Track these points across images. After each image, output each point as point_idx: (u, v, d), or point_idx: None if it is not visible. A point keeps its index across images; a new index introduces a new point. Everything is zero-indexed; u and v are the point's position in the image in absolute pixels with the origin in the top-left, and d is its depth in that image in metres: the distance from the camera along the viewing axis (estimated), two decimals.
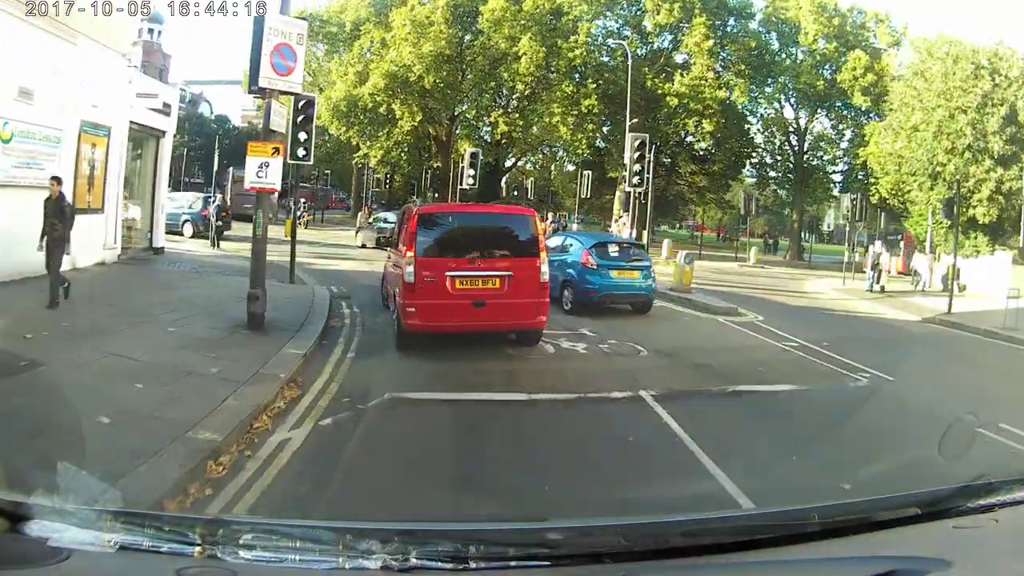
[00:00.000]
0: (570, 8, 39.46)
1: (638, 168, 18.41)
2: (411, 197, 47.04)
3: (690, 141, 45.24)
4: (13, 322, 8.56)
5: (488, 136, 46.15)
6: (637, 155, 18.34)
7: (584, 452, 5.75)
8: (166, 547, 1.56)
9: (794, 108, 44.48)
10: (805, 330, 13.14)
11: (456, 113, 44.35)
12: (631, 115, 30.54)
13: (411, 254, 9.20)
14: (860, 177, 40.49)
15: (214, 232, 23.29)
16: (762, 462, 5.59)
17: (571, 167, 52.77)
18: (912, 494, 2.00)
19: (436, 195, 46.40)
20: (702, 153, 46.14)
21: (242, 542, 1.60)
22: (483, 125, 46.13)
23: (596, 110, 39.64)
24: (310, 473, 5.05)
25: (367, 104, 39.78)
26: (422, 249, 9.25)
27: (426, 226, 9.58)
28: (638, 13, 43.32)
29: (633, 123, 27.86)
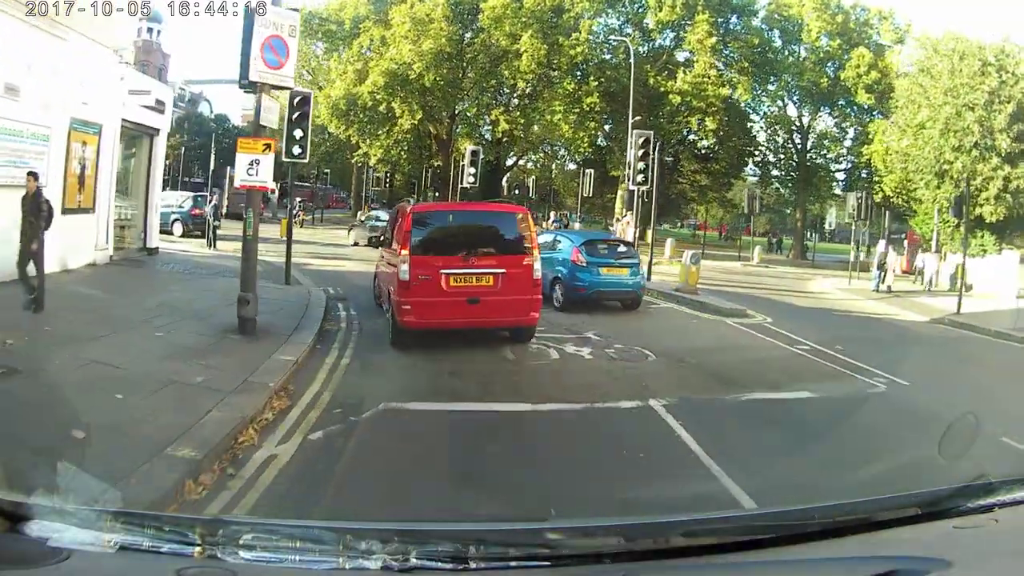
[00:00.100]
0: (571, 5, 39.12)
1: (642, 166, 18.00)
2: (411, 196, 46.59)
3: (692, 139, 44.95)
4: None
5: (489, 135, 45.78)
6: (641, 152, 17.94)
7: (593, 471, 5.34)
8: (166, 547, 1.56)
9: (797, 106, 44.22)
10: (815, 332, 12.86)
11: (456, 111, 44.00)
12: (633, 113, 30.19)
13: (406, 252, 9.29)
14: (864, 175, 40.28)
15: (211, 232, 23.02)
16: (786, 483, 5.18)
17: (572, 166, 52.50)
18: (912, 494, 2.00)
19: (437, 194, 46.06)
20: (704, 151, 45.82)
21: (242, 542, 1.58)
22: (484, 123, 45.76)
23: (598, 108, 39.32)
24: (296, 494, 4.69)
25: (367, 102, 39.44)
26: (417, 247, 9.35)
27: (420, 225, 9.70)
28: (640, 10, 43.03)
29: (636, 121, 27.48)
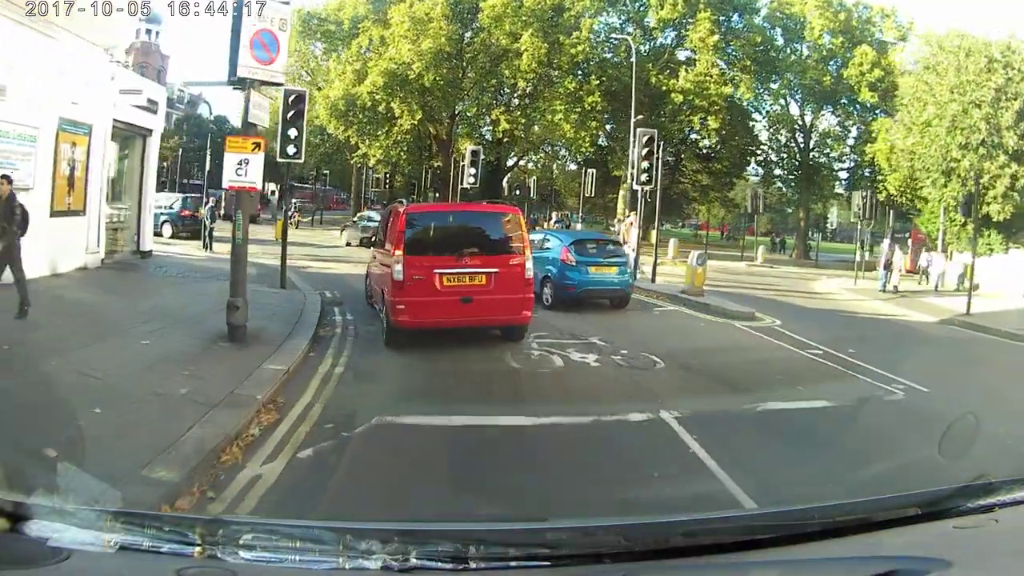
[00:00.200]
0: (572, 4, 38.73)
1: (646, 165, 17.58)
2: (411, 197, 46.23)
3: (694, 139, 44.59)
4: None
5: (489, 135, 45.38)
6: (645, 152, 17.51)
7: (604, 494, 4.94)
8: (166, 547, 1.56)
9: (799, 105, 43.87)
10: (825, 335, 12.50)
11: (457, 111, 43.58)
12: (635, 112, 29.83)
13: (399, 253, 9.37)
14: (867, 174, 39.99)
15: (207, 234, 22.71)
16: (810, 505, 4.80)
17: (573, 166, 52.13)
18: (912, 494, 1.99)
19: (437, 195, 45.65)
20: (706, 151, 45.46)
21: (242, 542, 1.58)
22: (484, 124, 45.37)
23: (599, 107, 38.94)
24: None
25: (366, 103, 39.02)
26: (410, 248, 9.43)
27: (414, 225, 9.76)
28: (641, 9, 42.70)
29: (638, 120, 27.10)
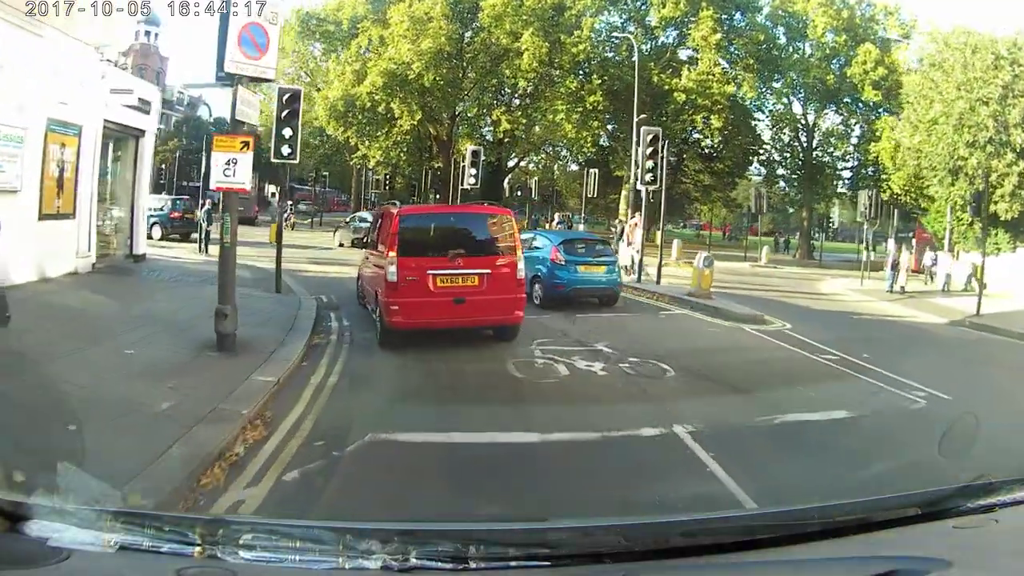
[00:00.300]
0: (573, 3, 38.37)
1: (651, 164, 17.16)
2: (411, 198, 45.91)
3: (696, 138, 44.23)
4: None
5: (490, 135, 45.02)
6: (650, 150, 17.11)
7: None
8: (166, 547, 1.56)
9: (802, 104, 43.52)
10: (837, 338, 12.11)
11: (457, 112, 43.24)
12: (637, 111, 29.46)
13: (393, 254, 9.45)
14: (870, 173, 39.68)
15: (203, 236, 22.43)
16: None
17: (574, 167, 51.78)
18: (912, 494, 2.00)
19: (438, 196, 45.40)
20: (708, 151, 45.10)
21: (242, 542, 1.59)
22: (485, 124, 45.03)
23: (601, 107, 38.56)
24: None
25: (365, 103, 38.69)
26: (404, 249, 9.50)
27: (407, 227, 9.87)
28: (642, 7, 42.38)
29: (641, 119, 26.70)
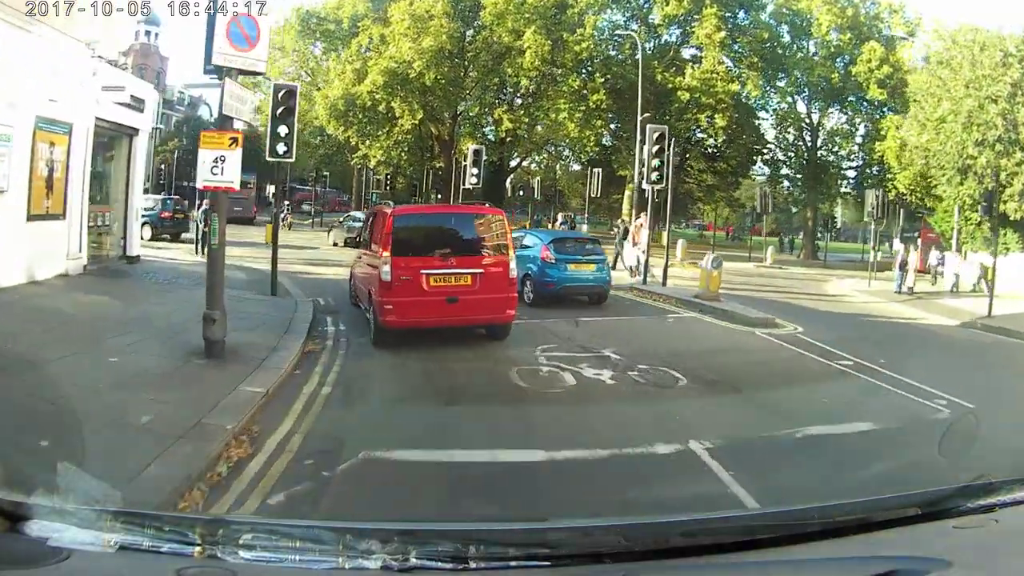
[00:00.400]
0: (575, 1, 37.98)
1: (657, 163, 16.75)
2: (413, 198, 45.52)
3: (700, 138, 43.84)
4: None
5: (492, 135, 44.63)
6: (656, 148, 16.69)
7: None
8: (166, 547, 1.56)
9: (806, 103, 43.15)
10: (851, 342, 11.75)
11: (458, 111, 42.86)
12: (641, 110, 29.09)
13: (387, 254, 9.52)
14: (875, 173, 39.34)
15: (199, 237, 21.97)
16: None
17: (576, 167, 51.42)
18: (912, 494, 1.99)
19: (439, 196, 45.08)
20: (712, 150, 44.72)
21: (242, 542, 1.58)
22: (487, 123, 44.62)
23: (604, 105, 38.17)
24: None
25: (366, 102, 38.33)
26: (397, 249, 9.56)
27: (400, 227, 9.91)
28: (645, 6, 42.01)
29: (645, 117, 26.30)
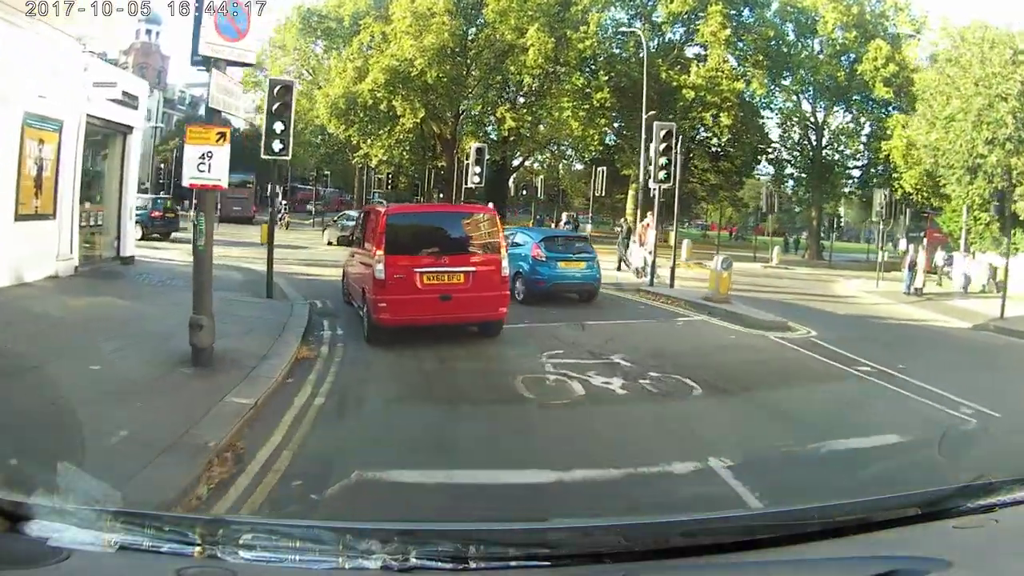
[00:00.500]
0: None
1: (664, 161, 16.32)
2: (415, 197, 45.20)
3: (704, 137, 43.44)
4: None
5: (495, 134, 44.24)
6: (664, 146, 16.26)
7: None
8: (166, 547, 1.56)
9: (811, 101, 42.76)
10: (867, 347, 11.38)
11: (461, 110, 42.46)
12: (646, 108, 28.71)
13: (381, 252, 9.62)
14: (880, 172, 38.99)
15: None
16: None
17: (579, 166, 51.05)
18: (912, 494, 1.99)
19: (441, 195, 44.73)
20: (716, 149, 44.32)
21: (242, 542, 1.58)
22: (489, 122, 44.25)
23: (608, 104, 37.75)
24: None
25: (367, 101, 37.93)
26: (391, 248, 9.66)
27: (394, 226, 10.02)
28: (649, 3, 41.62)
29: (650, 115, 25.90)
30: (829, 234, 42.57)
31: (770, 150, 44.41)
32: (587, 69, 39.31)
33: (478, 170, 22.19)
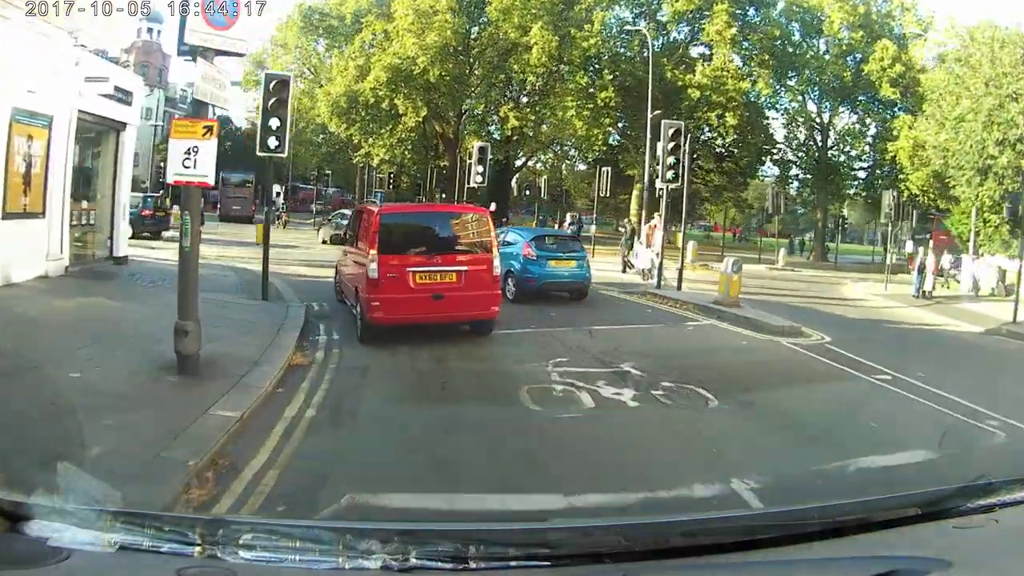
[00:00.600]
0: None
1: (672, 160, 15.91)
2: (417, 196, 44.90)
3: (708, 137, 43.04)
4: None
5: (498, 133, 43.84)
6: (672, 145, 15.84)
7: None
8: (166, 547, 1.56)
9: (817, 102, 42.39)
10: (883, 353, 11.03)
11: (463, 108, 42.07)
12: (651, 108, 28.33)
13: (374, 252, 9.68)
14: (886, 173, 38.64)
15: None
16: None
17: (582, 166, 50.65)
18: (912, 494, 2.00)
19: (443, 195, 44.36)
20: (721, 150, 43.92)
21: (242, 542, 1.58)
22: (492, 121, 43.83)
23: (612, 103, 37.34)
24: None
25: (368, 100, 37.54)
26: (384, 247, 9.73)
27: (387, 226, 10.10)
28: (654, 3, 41.26)
29: (655, 115, 25.50)
30: (834, 236, 42.25)
31: (775, 151, 44.03)
32: (591, 68, 38.86)
33: (481, 170, 21.85)
